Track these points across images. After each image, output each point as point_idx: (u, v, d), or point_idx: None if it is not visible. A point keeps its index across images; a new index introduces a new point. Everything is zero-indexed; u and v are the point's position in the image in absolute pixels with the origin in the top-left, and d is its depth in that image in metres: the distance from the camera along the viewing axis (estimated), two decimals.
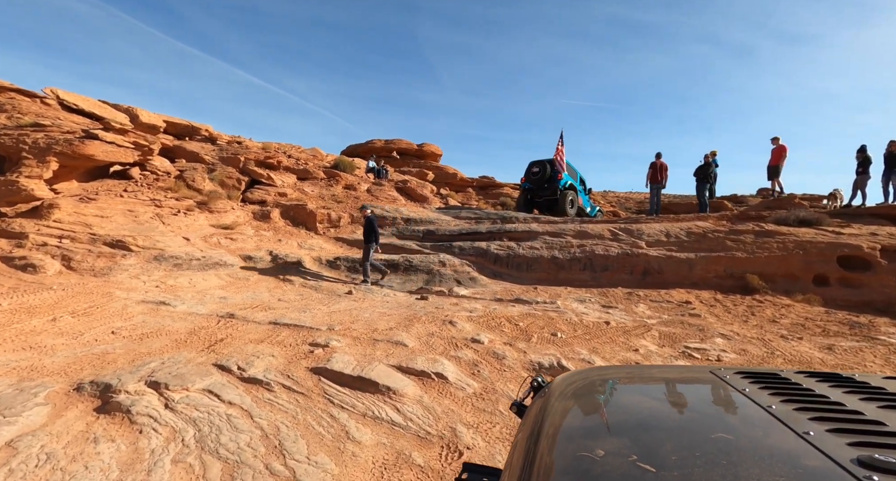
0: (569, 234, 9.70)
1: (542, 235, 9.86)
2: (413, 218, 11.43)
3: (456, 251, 9.63)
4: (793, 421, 0.70)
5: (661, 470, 0.57)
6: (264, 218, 9.88)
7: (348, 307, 6.01)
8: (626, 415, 0.87)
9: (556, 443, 0.73)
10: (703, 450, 0.63)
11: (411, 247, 9.95)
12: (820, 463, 0.56)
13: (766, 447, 0.63)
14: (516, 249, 9.39)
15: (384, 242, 10.30)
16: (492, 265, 9.30)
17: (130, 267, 6.09)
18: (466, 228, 10.79)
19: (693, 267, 8.11)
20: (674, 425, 0.77)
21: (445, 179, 21.94)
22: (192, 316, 4.72)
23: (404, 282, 8.26)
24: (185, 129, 11.39)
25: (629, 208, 26.28)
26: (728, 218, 9.27)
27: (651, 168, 11.01)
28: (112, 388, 2.68)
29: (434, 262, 8.87)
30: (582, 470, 0.61)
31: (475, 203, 20.38)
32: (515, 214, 11.72)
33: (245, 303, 5.61)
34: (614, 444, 0.67)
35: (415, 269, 8.66)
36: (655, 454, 0.63)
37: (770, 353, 4.83)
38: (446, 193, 19.15)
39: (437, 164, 24.30)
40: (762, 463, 0.57)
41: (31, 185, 6.35)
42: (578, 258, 8.90)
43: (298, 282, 7.35)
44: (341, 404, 3.02)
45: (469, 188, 23.38)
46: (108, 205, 7.25)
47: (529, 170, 12.23)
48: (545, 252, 9.22)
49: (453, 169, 22.99)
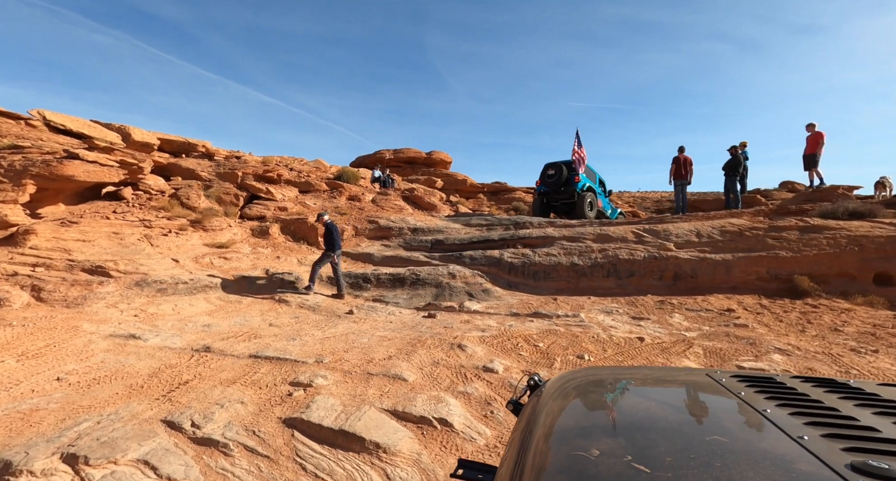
0: (588, 238, 8.94)
1: (559, 240, 9.12)
2: (420, 227, 10.80)
3: (467, 261, 8.95)
4: (787, 426, 0.70)
5: (655, 470, 0.57)
6: (263, 234, 9.37)
7: (346, 330, 5.37)
8: (622, 416, 0.87)
9: (551, 442, 0.73)
10: (698, 452, 0.62)
11: (419, 258, 9.30)
12: (814, 468, 0.56)
13: (761, 450, 0.63)
14: (532, 257, 8.67)
15: (390, 254, 9.70)
16: (506, 275, 8.60)
17: (108, 295, 5.57)
18: (477, 236, 10.11)
19: (731, 269, 7.27)
20: (669, 426, 0.76)
21: (455, 186, 21.33)
22: (163, 351, 4.14)
23: (411, 298, 7.60)
24: (182, 146, 11.02)
25: (647, 208, 25.28)
26: (765, 213, 8.41)
27: (674, 163, 10.17)
28: (11, 469, 2.06)
29: (443, 274, 8.20)
30: (577, 470, 0.61)
31: (486, 209, 19.71)
32: (529, 219, 11.00)
33: (230, 331, 5.02)
34: (609, 444, 0.67)
35: (422, 283, 8.00)
36: (650, 455, 0.62)
37: (844, 373, 4.01)
38: (456, 200, 18.52)
39: (446, 172, 23.73)
40: (756, 467, 0.57)
41: (4, 211, 5.92)
42: (601, 264, 8.14)
43: (295, 303, 6.75)
44: (315, 472, 2.36)
45: (480, 194, 22.73)
46: (92, 228, 6.79)
47: (545, 173, 11.58)
48: (563, 258, 8.48)
49: (463, 175, 22.37)
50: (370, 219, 10.91)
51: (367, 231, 10.56)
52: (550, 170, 11.40)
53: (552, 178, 11.32)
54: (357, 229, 10.53)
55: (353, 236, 10.41)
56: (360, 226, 10.58)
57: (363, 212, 11.50)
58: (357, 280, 8.06)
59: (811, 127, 9.48)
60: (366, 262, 9.42)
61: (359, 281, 8.04)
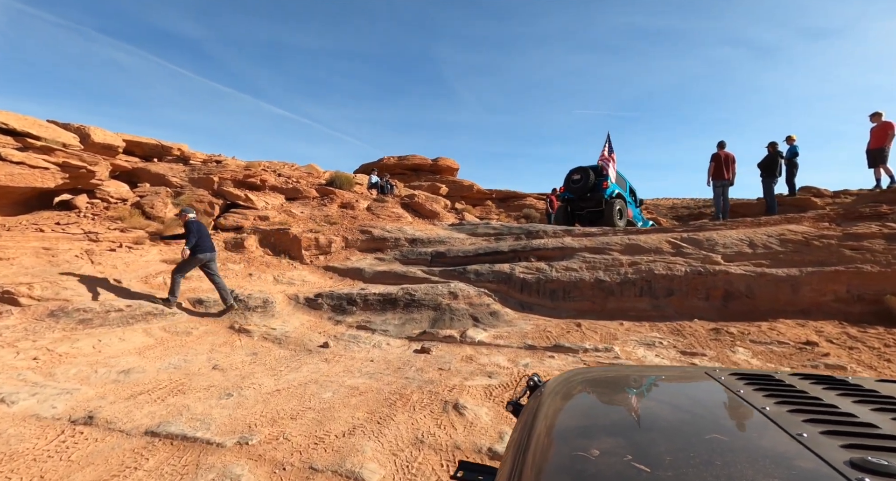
0: (615, 249, 7.57)
1: (580, 252, 7.76)
2: (420, 238, 9.52)
3: (471, 277, 7.64)
4: (787, 423, 0.69)
5: (655, 469, 0.57)
6: (237, 247, 8.16)
7: (308, 376, 4.07)
8: (621, 415, 0.85)
9: (551, 442, 0.73)
10: (698, 451, 0.62)
11: (416, 274, 8.00)
12: (813, 465, 0.55)
13: (760, 448, 0.62)
14: (548, 272, 7.32)
15: (383, 270, 8.40)
16: (518, 293, 7.25)
17: (7, 329, 4.35)
18: (484, 247, 8.79)
19: (798, 287, 5.86)
20: (668, 425, 0.76)
21: (461, 192, 20.08)
22: (25, 424, 2.88)
23: (403, 324, 6.30)
24: (154, 149, 9.94)
25: (663, 214, 23.75)
26: (830, 218, 6.97)
27: (713, 161, 8.73)
28: None
29: (443, 294, 6.89)
30: (577, 469, 0.60)
31: (495, 217, 18.39)
32: (543, 227, 9.66)
33: (151, 382, 3.75)
34: (609, 444, 0.67)
35: (418, 305, 6.69)
36: (650, 454, 0.62)
37: None
38: (462, 208, 17.24)
39: (452, 178, 22.49)
40: (756, 464, 0.56)
41: None
42: (632, 280, 6.76)
43: (258, 333, 5.48)
44: None
45: (488, 201, 21.44)
46: (16, 243, 5.62)
47: (569, 178, 10.38)
48: (586, 273, 7.12)
49: (469, 181, 21.11)
50: (363, 229, 9.66)
51: (359, 242, 9.30)
52: (576, 175, 10.22)
53: (578, 184, 10.12)
54: (347, 240, 9.27)
55: (342, 248, 9.15)
56: (350, 237, 9.33)
57: (356, 222, 10.26)
58: (340, 302, 6.78)
59: (877, 117, 8.05)
60: (355, 278, 8.15)
61: (342, 303, 6.75)
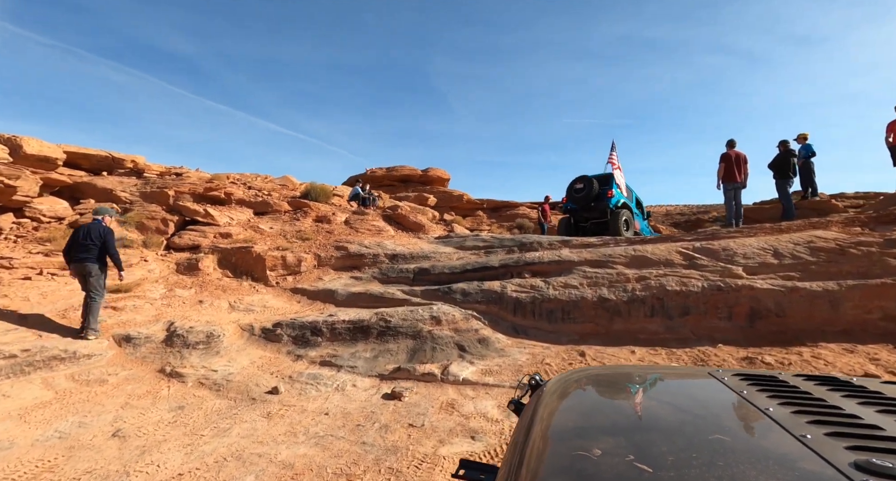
0: (619, 262, 6.68)
1: (580, 266, 6.86)
2: (401, 253, 8.58)
3: (457, 297, 6.70)
4: (790, 424, 0.68)
5: (657, 470, 0.56)
6: (190, 270, 7.17)
7: (234, 446, 3.09)
8: (623, 415, 0.86)
9: (552, 442, 0.72)
10: (700, 451, 0.61)
11: (394, 295, 7.05)
12: (817, 467, 0.55)
13: (763, 449, 0.62)
14: (544, 289, 6.41)
15: (359, 290, 7.40)
16: (511, 316, 6.32)
17: None
18: (473, 263, 7.87)
19: (838, 304, 4.98)
20: (671, 426, 0.76)
21: (450, 203, 19.21)
22: None
23: (376, 357, 5.32)
24: (103, 162, 8.97)
25: (661, 221, 23.01)
26: (862, 222, 6.14)
27: (723, 161, 7.90)
28: None
29: (424, 319, 5.94)
30: (578, 469, 0.60)
31: (486, 228, 17.51)
32: (537, 238, 8.77)
33: (12, 466, 2.75)
34: (611, 444, 0.66)
35: (394, 333, 5.73)
36: (652, 454, 0.61)
37: None
38: (451, 219, 16.35)
39: (442, 189, 21.64)
40: (759, 466, 0.56)
41: None
42: (641, 298, 5.86)
43: (193, 378, 4.48)
44: None
45: (479, 211, 20.57)
46: None
47: (572, 188, 9.76)
48: (587, 291, 6.21)
49: (459, 191, 20.26)
50: (338, 245, 8.71)
51: (333, 260, 8.34)
52: (578, 184, 9.60)
53: (580, 193, 9.48)
54: (320, 258, 8.31)
55: (314, 267, 8.19)
56: (324, 255, 8.37)
57: (331, 237, 9.31)
58: (303, 332, 5.78)
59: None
60: (326, 301, 7.18)
61: (305, 333, 5.76)
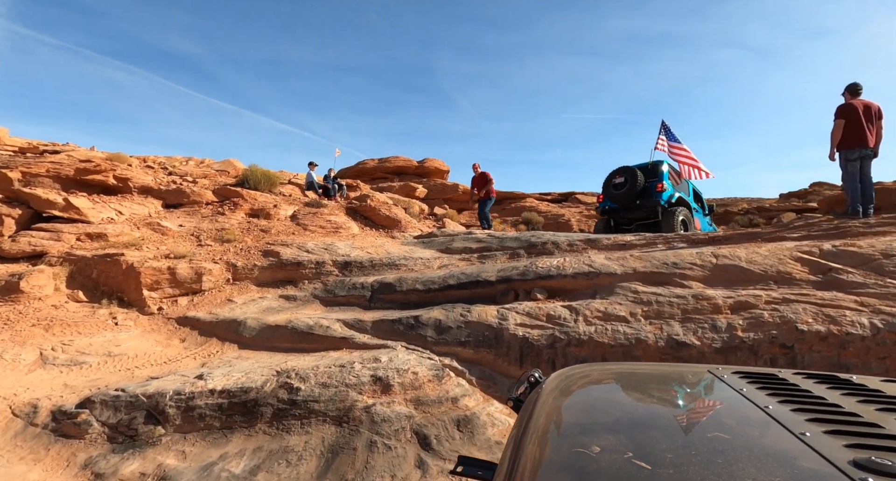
0: (692, 276, 4.04)
1: (625, 280, 4.23)
2: (358, 260, 5.97)
3: (428, 335, 4.11)
4: (790, 422, 0.69)
5: (656, 467, 0.56)
6: (7, 292, 4.60)
7: None
8: (622, 412, 0.86)
9: (551, 439, 0.72)
10: (699, 449, 0.61)
11: (329, 329, 4.43)
12: (816, 465, 0.55)
13: (763, 447, 0.61)
14: (569, 322, 3.80)
15: (278, 322, 4.60)
16: (516, 368, 3.73)
17: None
18: (458, 274, 5.23)
19: None
20: (670, 423, 0.76)
21: (443, 194, 16.56)
22: None
23: (255, 472, 2.73)
24: None
25: None
26: None
27: (842, 116, 4.97)
28: None
29: (361, 383, 3.35)
30: (577, 466, 0.60)
31: None
32: (551, 237, 6.15)
33: None
34: (610, 441, 0.66)
35: (303, 414, 3.13)
36: (651, 451, 0.61)
37: None
38: (443, 213, 13.72)
39: (438, 180, 19.00)
40: (758, 463, 0.56)
41: None
42: (748, 344, 3.25)
43: None
44: None
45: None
46: None
47: (609, 182, 7.60)
48: (646, 327, 3.61)
49: (453, 181, 17.61)
50: (268, 249, 6.11)
51: (257, 271, 5.75)
52: (619, 178, 7.43)
53: (621, 189, 7.30)
54: (236, 269, 5.71)
55: (226, 282, 5.59)
56: (243, 264, 5.77)
57: (266, 236, 6.73)
58: (132, 417, 3.17)
59: None
60: (226, 339, 4.59)
61: (135, 420, 3.15)
